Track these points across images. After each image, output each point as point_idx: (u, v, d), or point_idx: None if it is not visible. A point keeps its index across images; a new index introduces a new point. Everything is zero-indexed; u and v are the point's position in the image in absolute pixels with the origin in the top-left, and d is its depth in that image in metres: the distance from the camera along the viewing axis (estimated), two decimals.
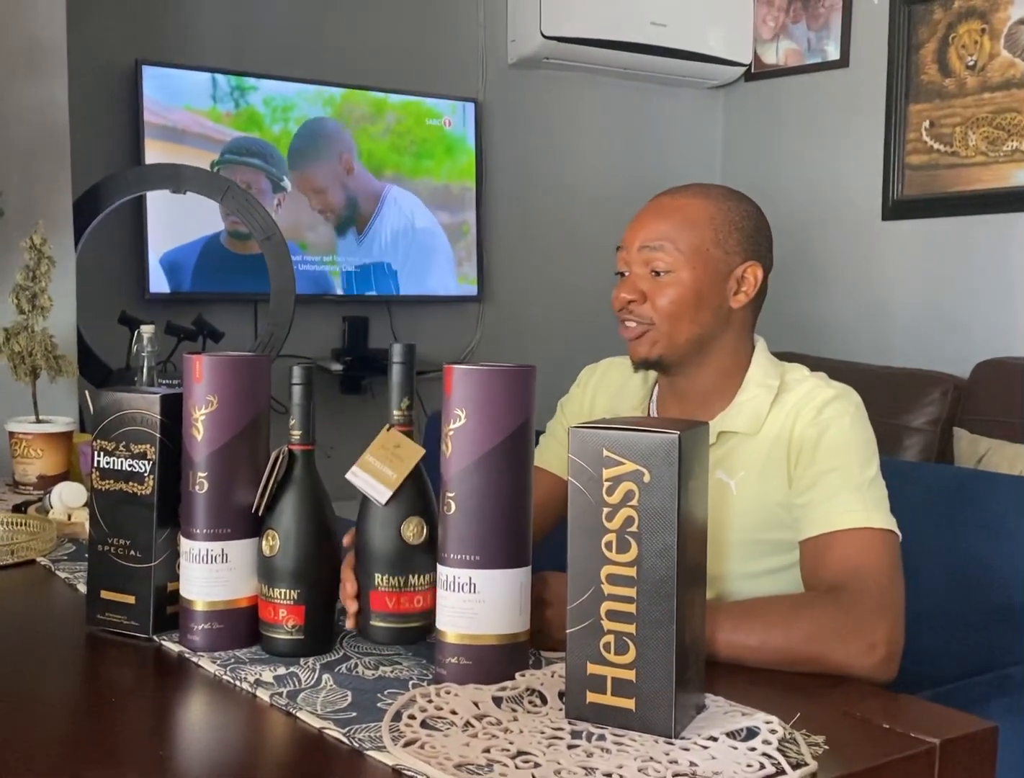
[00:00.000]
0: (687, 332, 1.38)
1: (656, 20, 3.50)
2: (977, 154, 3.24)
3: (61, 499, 1.56)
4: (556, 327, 3.61)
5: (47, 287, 1.85)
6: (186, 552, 1.05)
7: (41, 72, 2.12)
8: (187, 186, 2.48)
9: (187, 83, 2.91)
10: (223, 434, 1.05)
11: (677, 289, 1.37)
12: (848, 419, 1.33)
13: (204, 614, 1.04)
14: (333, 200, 3.18)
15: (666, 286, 1.37)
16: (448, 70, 3.40)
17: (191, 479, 1.05)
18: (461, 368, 0.94)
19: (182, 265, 2.93)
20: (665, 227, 1.38)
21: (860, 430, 1.34)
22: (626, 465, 0.84)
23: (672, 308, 1.37)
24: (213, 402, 1.04)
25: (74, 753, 0.86)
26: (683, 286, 1.37)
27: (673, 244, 1.37)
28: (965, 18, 3.27)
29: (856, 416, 1.35)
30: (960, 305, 3.33)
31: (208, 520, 1.04)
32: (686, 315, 1.37)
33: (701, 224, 1.38)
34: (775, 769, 0.79)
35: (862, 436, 1.33)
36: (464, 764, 0.78)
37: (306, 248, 3.12)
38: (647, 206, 1.44)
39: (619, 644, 0.84)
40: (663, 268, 1.37)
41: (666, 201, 1.42)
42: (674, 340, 1.38)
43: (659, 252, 1.37)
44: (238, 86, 3.00)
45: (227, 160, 2.99)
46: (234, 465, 1.05)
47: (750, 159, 3.87)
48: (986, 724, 0.89)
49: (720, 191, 1.43)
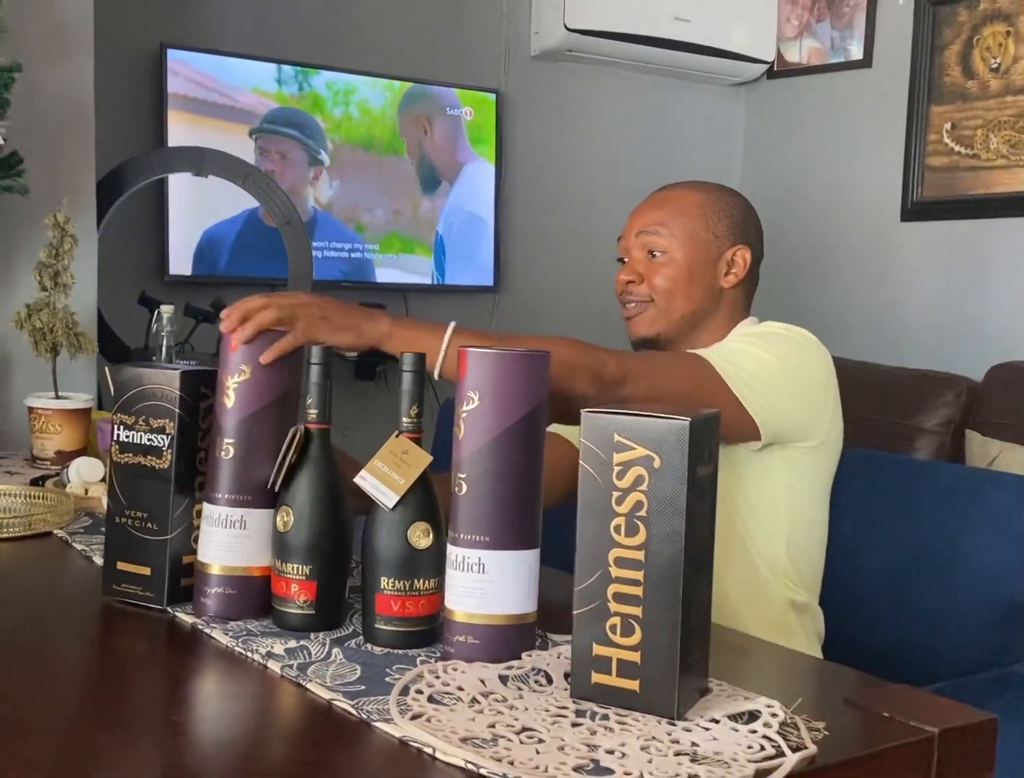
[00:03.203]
0: (681, 308, 1.51)
1: (680, 15, 3.50)
2: (998, 157, 3.24)
3: (79, 473, 1.58)
4: (571, 318, 3.61)
5: (69, 265, 1.87)
6: (207, 517, 1.08)
7: (68, 53, 2.14)
8: (209, 169, 2.51)
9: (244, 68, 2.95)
10: (252, 404, 1.07)
11: (672, 267, 1.52)
12: (779, 331, 1.45)
13: (219, 578, 1.06)
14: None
15: (661, 265, 1.52)
16: (471, 61, 3.41)
17: (218, 445, 1.07)
18: (476, 351, 0.95)
19: (223, 239, 2.96)
20: (660, 214, 1.54)
21: (783, 340, 1.43)
22: (637, 450, 0.85)
23: (667, 285, 1.51)
24: (245, 372, 1.08)
25: (88, 718, 0.88)
26: (677, 265, 1.52)
27: (668, 229, 1.52)
28: (990, 20, 3.26)
29: (789, 335, 1.45)
30: (976, 308, 3.33)
31: (231, 486, 1.07)
32: (680, 291, 1.51)
33: (693, 211, 1.53)
34: (775, 751, 0.80)
35: (782, 344, 1.42)
36: (469, 738, 0.80)
37: (363, 230, 3.20)
38: (644, 199, 1.61)
39: (625, 626, 0.86)
40: (659, 249, 1.52)
41: (661, 193, 1.59)
42: (670, 316, 1.52)
43: (655, 236, 1.53)
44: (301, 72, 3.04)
45: (265, 129, 3.01)
46: (260, 435, 1.07)
47: (771, 157, 3.87)
48: (986, 715, 0.89)
49: (711, 185, 1.60)
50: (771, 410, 1.37)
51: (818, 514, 1.55)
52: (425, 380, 1.06)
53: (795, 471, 1.47)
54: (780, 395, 1.38)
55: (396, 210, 3.27)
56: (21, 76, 1.92)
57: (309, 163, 3.09)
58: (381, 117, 3.22)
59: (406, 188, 3.28)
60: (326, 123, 3.12)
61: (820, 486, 1.53)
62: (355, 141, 3.18)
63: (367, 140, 3.20)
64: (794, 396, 1.40)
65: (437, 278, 3.35)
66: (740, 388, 1.34)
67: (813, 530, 1.54)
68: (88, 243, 2.13)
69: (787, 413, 1.40)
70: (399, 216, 3.28)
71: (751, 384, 1.35)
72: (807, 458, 1.47)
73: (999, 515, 1.54)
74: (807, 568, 1.53)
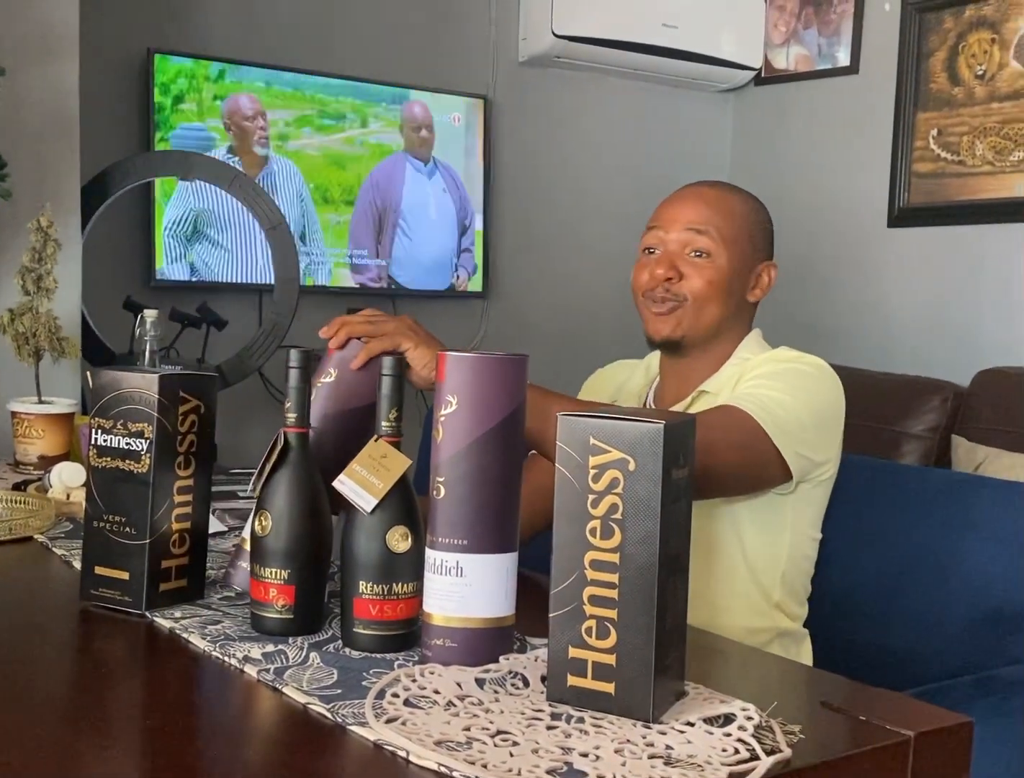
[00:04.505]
0: (712, 315, 1.45)
1: (668, 22, 3.51)
2: (984, 163, 3.25)
3: (61, 478, 1.58)
4: (560, 324, 3.63)
5: (52, 269, 1.87)
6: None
7: (54, 57, 2.14)
8: (195, 174, 2.51)
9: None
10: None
11: (714, 271, 1.43)
12: (796, 364, 1.40)
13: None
14: None
15: (704, 267, 1.43)
16: (459, 66, 3.41)
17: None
18: (454, 355, 0.96)
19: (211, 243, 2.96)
20: (709, 213, 1.44)
21: (804, 377, 1.38)
22: (612, 453, 0.85)
23: (707, 289, 1.43)
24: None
25: (65, 722, 0.88)
26: (720, 270, 1.44)
27: (717, 230, 1.43)
28: (976, 28, 3.27)
29: (807, 368, 1.40)
30: (963, 314, 3.34)
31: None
32: (717, 298, 1.44)
33: (740, 217, 1.46)
34: (750, 755, 0.80)
35: (803, 381, 1.38)
36: (444, 741, 0.80)
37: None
38: (686, 191, 1.50)
39: (600, 629, 0.86)
40: (704, 249, 1.43)
41: (706, 190, 1.49)
42: (700, 321, 1.45)
43: (704, 236, 1.43)
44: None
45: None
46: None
47: (758, 163, 3.88)
48: (962, 718, 0.90)
49: (747, 192, 1.54)
50: (803, 456, 1.36)
51: (814, 544, 1.52)
52: (405, 384, 1.06)
53: (800, 503, 1.45)
54: (809, 441, 1.36)
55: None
56: (6, 80, 1.92)
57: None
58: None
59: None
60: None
61: (819, 512, 1.51)
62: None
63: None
64: (818, 438, 1.38)
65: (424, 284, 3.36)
66: (779, 438, 1.32)
67: (808, 563, 1.52)
68: (72, 247, 2.13)
69: (812, 457, 1.38)
70: None
71: (788, 432, 1.33)
72: (813, 487, 1.45)
73: (984, 520, 1.54)
74: (798, 599, 1.53)
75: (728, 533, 1.43)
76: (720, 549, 1.44)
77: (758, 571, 1.45)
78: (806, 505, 1.46)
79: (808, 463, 1.38)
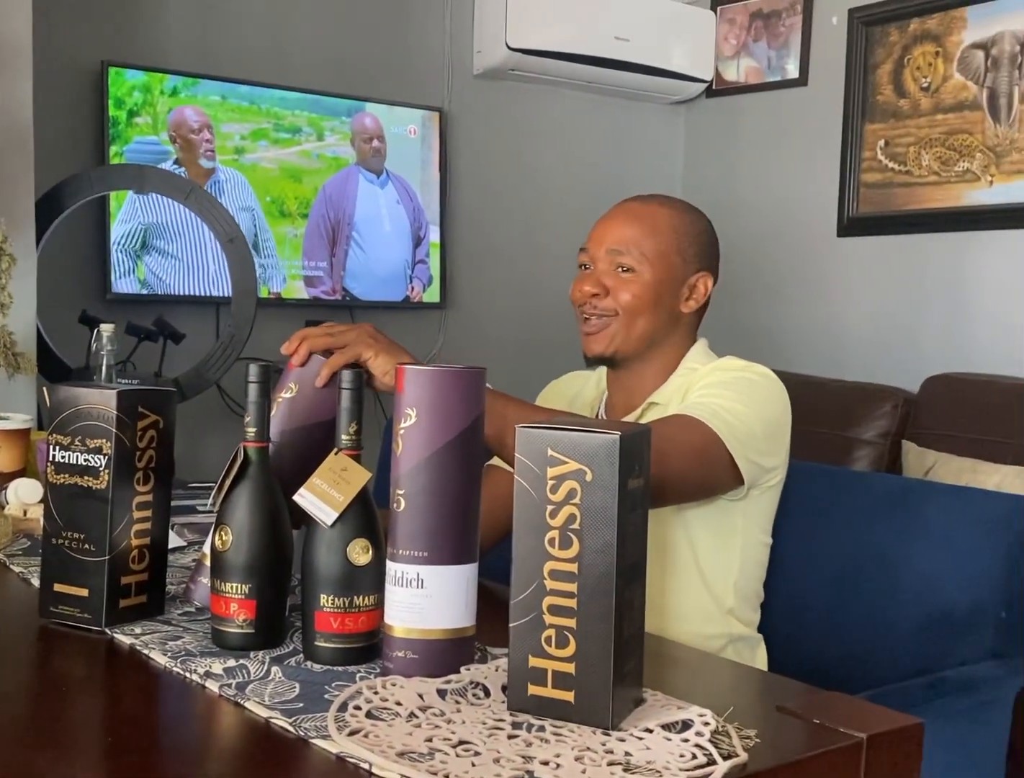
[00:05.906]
0: (642, 327, 1.49)
1: (620, 35, 3.55)
2: (930, 174, 3.32)
3: (17, 495, 1.56)
4: (518, 334, 3.65)
5: (7, 284, 1.86)
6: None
7: (7, 70, 2.12)
8: (150, 187, 2.50)
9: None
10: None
11: (639, 286, 1.48)
12: (744, 373, 1.44)
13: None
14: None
15: (629, 282, 1.48)
16: (415, 79, 3.43)
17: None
18: (412, 368, 0.97)
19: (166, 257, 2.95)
20: (632, 232, 1.49)
21: (752, 386, 1.43)
22: (569, 464, 0.87)
23: (633, 302, 1.48)
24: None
25: (25, 740, 0.87)
26: (645, 284, 1.49)
27: (639, 249, 1.48)
28: (920, 41, 3.34)
29: (754, 377, 1.44)
30: (911, 321, 3.40)
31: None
32: (645, 310, 1.49)
33: (666, 232, 1.50)
34: (707, 760, 0.81)
35: (751, 389, 1.42)
36: (406, 752, 0.81)
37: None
38: (615, 210, 1.55)
39: (560, 638, 0.87)
40: (628, 265, 1.48)
41: (635, 207, 1.53)
42: (630, 334, 1.49)
43: (626, 255, 1.48)
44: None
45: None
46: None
47: (710, 173, 3.93)
48: (912, 720, 0.92)
49: (683, 204, 1.55)
50: (755, 462, 1.40)
51: (765, 549, 1.55)
52: (364, 397, 1.07)
53: (749, 508, 1.48)
54: (759, 447, 1.40)
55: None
56: None
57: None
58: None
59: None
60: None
61: (769, 517, 1.54)
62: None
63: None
64: (768, 445, 1.42)
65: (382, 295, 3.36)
66: (732, 444, 1.36)
67: (760, 568, 1.55)
68: (27, 262, 2.12)
69: (763, 462, 1.42)
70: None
71: (740, 438, 1.37)
72: (762, 493, 1.48)
73: (934, 525, 1.58)
74: (751, 604, 1.55)
75: (681, 541, 1.46)
76: (673, 557, 1.46)
77: (711, 578, 1.48)
78: (756, 510, 1.49)
79: (759, 469, 1.41)
